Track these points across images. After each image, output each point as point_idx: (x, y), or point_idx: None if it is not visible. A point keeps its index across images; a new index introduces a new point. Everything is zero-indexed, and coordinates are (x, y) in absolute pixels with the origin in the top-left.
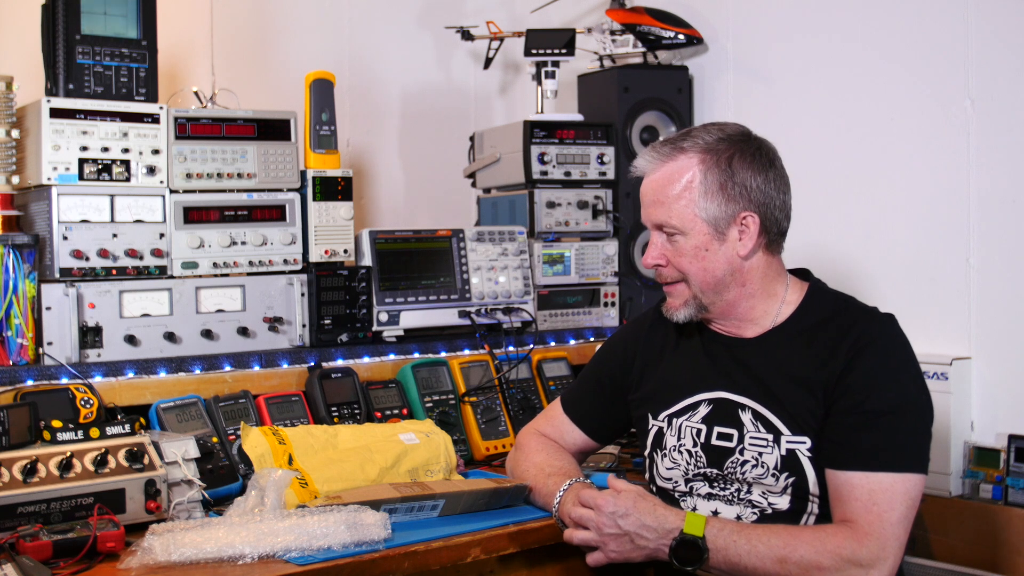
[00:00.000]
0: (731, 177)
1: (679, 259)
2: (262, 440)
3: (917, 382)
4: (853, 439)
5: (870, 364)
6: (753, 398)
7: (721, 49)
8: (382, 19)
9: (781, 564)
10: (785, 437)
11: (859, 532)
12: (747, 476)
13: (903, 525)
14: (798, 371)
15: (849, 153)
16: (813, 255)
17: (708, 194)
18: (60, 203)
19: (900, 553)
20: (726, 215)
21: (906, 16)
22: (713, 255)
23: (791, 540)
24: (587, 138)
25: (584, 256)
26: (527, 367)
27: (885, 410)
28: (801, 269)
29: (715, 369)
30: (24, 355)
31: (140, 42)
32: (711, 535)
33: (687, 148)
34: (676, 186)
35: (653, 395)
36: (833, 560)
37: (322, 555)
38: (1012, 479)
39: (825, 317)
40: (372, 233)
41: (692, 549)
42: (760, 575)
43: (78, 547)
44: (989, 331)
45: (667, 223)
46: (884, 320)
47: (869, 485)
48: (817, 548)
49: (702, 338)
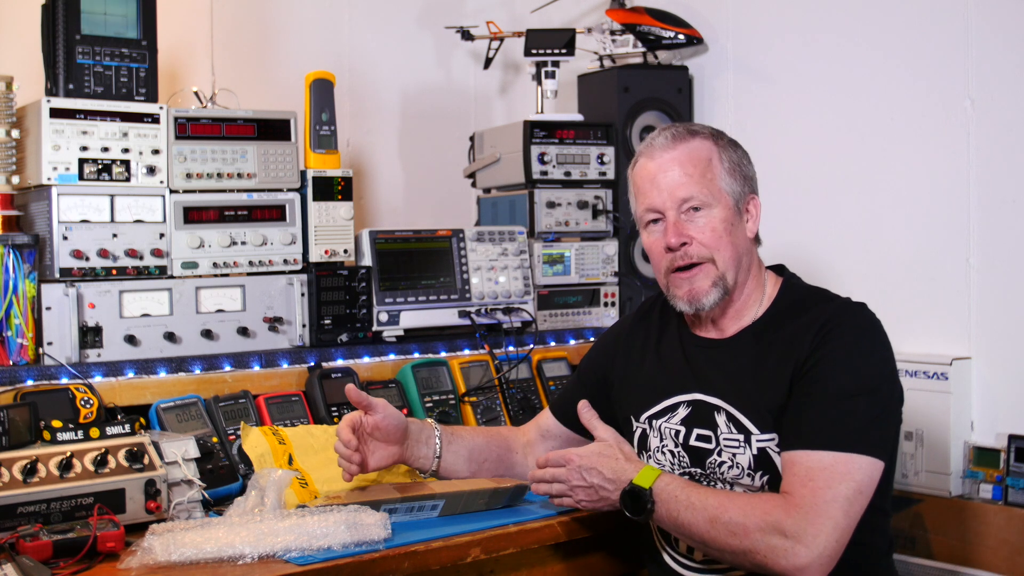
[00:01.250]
0: (739, 161)
1: (707, 235)
2: (262, 440)
3: (882, 368)
4: (801, 418)
5: (832, 347)
6: (726, 399)
7: (721, 49)
8: (382, 19)
9: (712, 524)
10: (755, 436)
11: (790, 503)
12: (726, 476)
13: (840, 506)
14: (771, 367)
15: (849, 153)
16: (812, 254)
17: (729, 171)
18: (60, 203)
19: (836, 536)
20: (742, 194)
21: (906, 16)
22: (737, 230)
23: (725, 501)
24: (587, 138)
25: (584, 256)
26: (527, 367)
27: (838, 391)
28: (777, 265)
29: (691, 371)
30: (24, 355)
31: (140, 42)
32: (658, 487)
33: (698, 131)
34: (702, 161)
35: (634, 396)
36: (758, 524)
37: (322, 555)
38: (1012, 479)
39: (797, 310)
40: (372, 233)
41: (638, 499)
42: (694, 532)
43: (78, 547)
44: (989, 331)
45: (696, 195)
46: (853, 307)
47: (808, 462)
48: (746, 511)
49: (682, 340)
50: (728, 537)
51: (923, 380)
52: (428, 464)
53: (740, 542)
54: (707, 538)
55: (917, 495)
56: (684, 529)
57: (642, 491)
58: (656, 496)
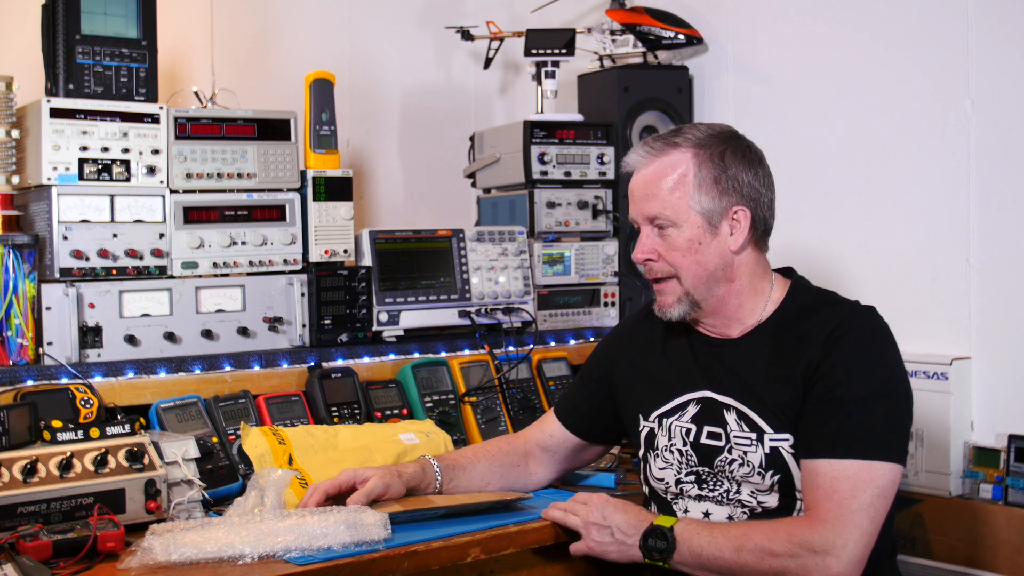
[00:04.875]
0: (724, 171)
1: (671, 253)
2: (262, 440)
3: (894, 371)
4: (821, 427)
5: (845, 353)
6: (736, 398)
7: (721, 49)
8: (382, 19)
9: (738, 552)
10: (768, 435)
11: (815, 519)
12: (735, 475)
13: (866, 513)
14: (780, 367)
15: (849, 153)
16: (813, 255)
17: (702, 187)
18: (60, 203)
19: (864, 542)
20: (719, 208)
21: (906, 16)
22: (706, 248)
23: (747, 529)
24: (587, 138)
25: (584, 256)
26: (527, 367)
27: (855, 398)
28: (785, 268)
29: (700, 369)
30: (24, 355)
31: (140, 42)
32: (678, 527)
33: (680, 143)
34: (670, 179)
35: (641, 395)
36: (786, 546)
37: (322, 555)
38: (1012, 479)
39: (806, 312)
40: (372, 233)
41: (660, 538)
42: (722, 565)
43: (78, 547)
44: (989, 331)
45: (660, 215)
46: (863, 311)
47: (832, 472)
48: (770, 535)
49: (689, 339)
50: (757, 563)
51: (923, 380)
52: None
53: (770, 564)
54: (736, 568)
55: (917, 495)
56: (710, 563)
57: (664, 529)
58: (678, 535)
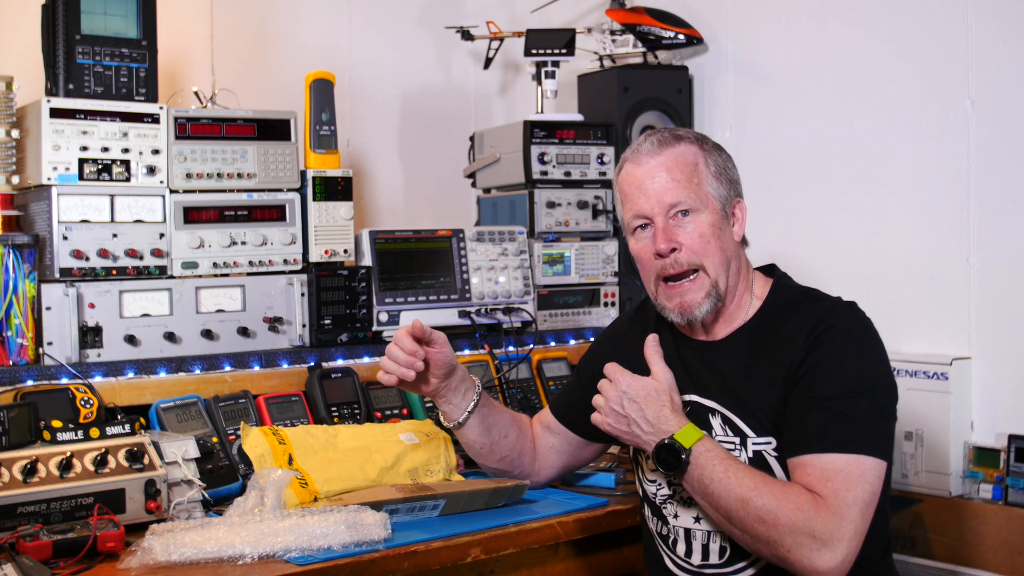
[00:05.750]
0: (724, 164)
1: (696, 240)
2: (262, 440)
3: (877, 367)
4: (804, 423)
5: (827, 349)
6: (720, 402)
7: (721, 49)
8: (382, 19)
9: (742, 504)
10: (751, 439)
11: (819, 502)
12: None
13: (859, 509)
14: (763, 368)
15: (849, 153)
16: (813, 254)
17: (715, 175)
18: (60, 203)
19: (856, 542)
20: (728, 198)
21: (906, 16)
22: (726, 234)
23: (761, 485)
24: (587, 138)
25: (584, 256)
26: (527, 367)
27: (837, 393)
28: (768, 265)
29: (686, 373)
30: (24, 355)
31: (140, 42)
32: (697, 451)
33: (683, 136)
34: (689, 166)
35: None
36: (789, 518)
37: (322, 555)
38: (1012, 479)
39: (788, 310)
40: (372, 233)
41: (674, 455)
42: (720, 507)
43: (78, 547)
44: (989, 331)
45: (684, 200)
46: (843, 307)
47: (822, 464)
48: (780, 501)
49: (675, 342)
50: (756, 523)
51: (923, 380)
52: (457, 415)
53: (767, 531)
54: (732, 517)
55: (917, 495)
56: (711, 500)
57: (681, 449)
58: (693, 460)
